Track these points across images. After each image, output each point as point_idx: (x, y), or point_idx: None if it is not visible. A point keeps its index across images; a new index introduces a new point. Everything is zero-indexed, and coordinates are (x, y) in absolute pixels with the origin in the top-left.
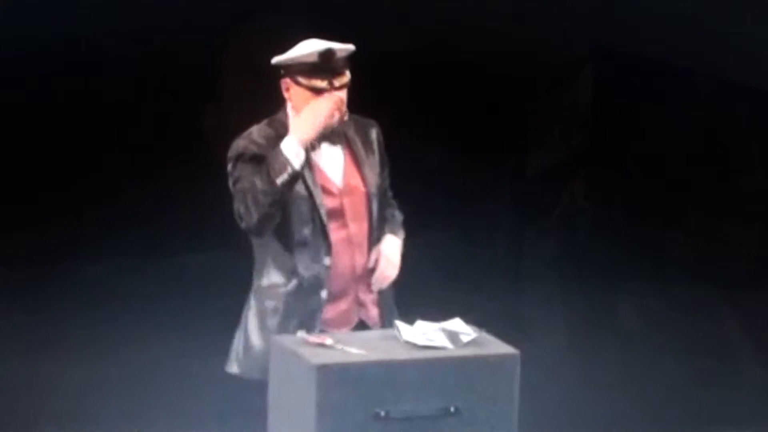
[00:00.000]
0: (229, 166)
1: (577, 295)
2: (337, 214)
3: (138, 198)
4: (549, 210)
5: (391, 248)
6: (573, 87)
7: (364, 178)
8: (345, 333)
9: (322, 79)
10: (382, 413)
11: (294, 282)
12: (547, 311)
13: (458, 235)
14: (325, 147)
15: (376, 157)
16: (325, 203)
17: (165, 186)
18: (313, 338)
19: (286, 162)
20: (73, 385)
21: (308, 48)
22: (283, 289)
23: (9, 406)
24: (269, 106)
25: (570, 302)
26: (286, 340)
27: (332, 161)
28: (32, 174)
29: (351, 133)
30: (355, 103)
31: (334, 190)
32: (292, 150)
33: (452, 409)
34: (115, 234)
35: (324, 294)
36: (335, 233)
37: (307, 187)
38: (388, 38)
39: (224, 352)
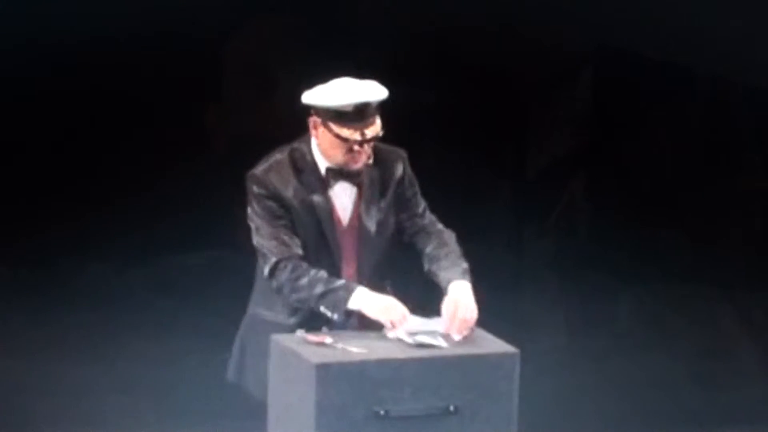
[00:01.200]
0: (249, 198)
1: (576, 295)
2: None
3: (138, 198)
4: (549, 210)
5: (463, 292)
6: (573, 87)
7: (360, 219)
8: (345, 332)
9: (355, 129)
10: (382, 412)
11: (297, 318)
12: (546, 310)
13: (458, 235)
14: (341, 186)
15: (391, 191)
16: (336, 241)
17: (165, 186)
18: (313, 337)
19: (338, 311)
20: (73, 384)
21: (342, 95)
22: (286, 323)
23: (8, 406)
24: (269, 106)
25: (570, 301)
26: (286, 339)
27: (345, 199)
28: (32, 174)
29: (368, 169)
30: None
31: (341, 229)
32: (352, 307)
33: (452, 408)
34: (115, 234)
35: (326, 330)
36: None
37: (322, 225)
38: (387, 38)
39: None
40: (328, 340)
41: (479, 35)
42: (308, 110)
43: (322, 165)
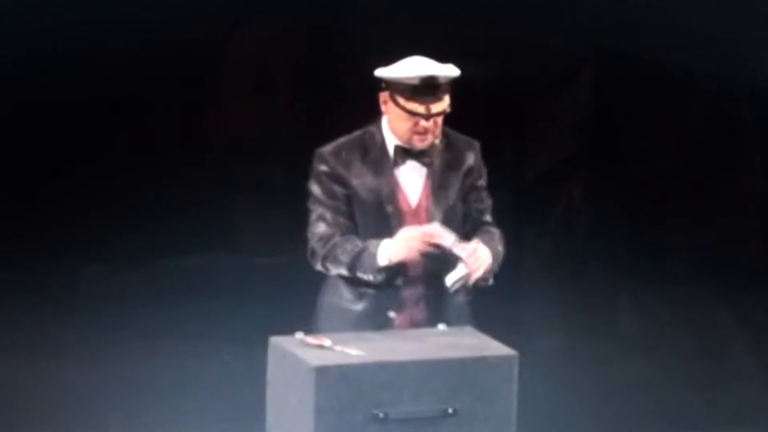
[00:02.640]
0: (311, 176)
1: (576, 296)
2: None
3: (138, 198)
4: (548, 210)
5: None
6: (573, 87)
7: (431, 201)
8: (344, 334)
9: (420, 103)
10: (381, 414)
11: (364, 303)
12: (546, 312)
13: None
14: (411, 164)
15: (459, 179)
16: (400, 222)
17: (163, 188)
18: (312, 339)
19: (372, 271)
20: (71, 385)
21: (412, 68)
22: (352, 307)
23: (7, 406)
24: (269, 106)
25: (569, 303)
26: (284, 341)
27: (413, 180)
28: (32, 174)
29: (439, 152)
30: (356, 103)
31: (408, 210)
32: (382, 262)
33: (451, 410)
34: (112, 235)
35: (392, 315)
36: None
37: (385, 206)
38: (387, 38)
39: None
40: (327, 342)
41: (479, 35)
42: (380, 86)
43: (391, 143)
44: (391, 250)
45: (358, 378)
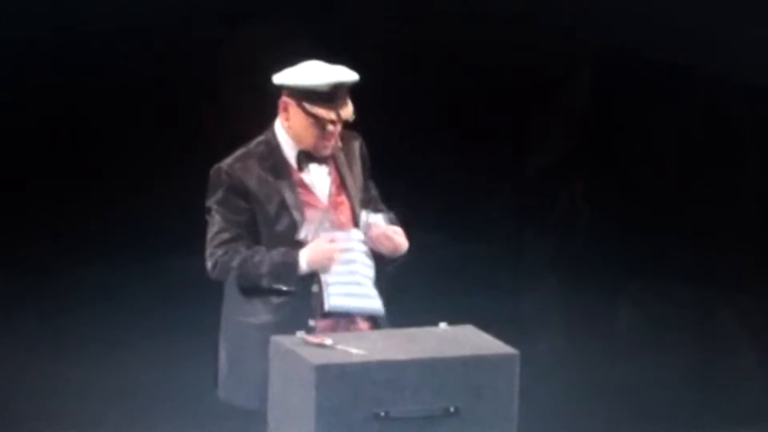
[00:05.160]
0: (209, 191)
1: (576, 295)
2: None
3: (137, 200)
4: (548, 210)
5: (377, 218)
6: (573, 87)
7: (348, 193)
8: (345, 333)
9: (329, 109)
10: (382, 413)
11: (278, 314)
12: (546, 311)
13: (457, 235)
14: (313, 167)
15: (359, 170)
16: (311, 220)
17: (165, 187)
18: (313, 338)
19: (293, 280)
20: (72, 385)
21: (318, 75)
22: (260, 320)
23: (8, 406)
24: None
25: (569, 302)
26: (285, 340)
27: (319, 178)
28: (32, 174)
29: (335, 150)
30: (355, 103)
31: (321, 207)
32: (303, 271)
33: (452, 409)
34: (113, 236)
35: (312, 323)
36: None
37: (292, 211)
38: (386, 38)
39: None
40: (329, 341)
41: (479, 35)
42: (278, 93)
43: (290, 149)
44: (312, 259)
45: (359, 377)
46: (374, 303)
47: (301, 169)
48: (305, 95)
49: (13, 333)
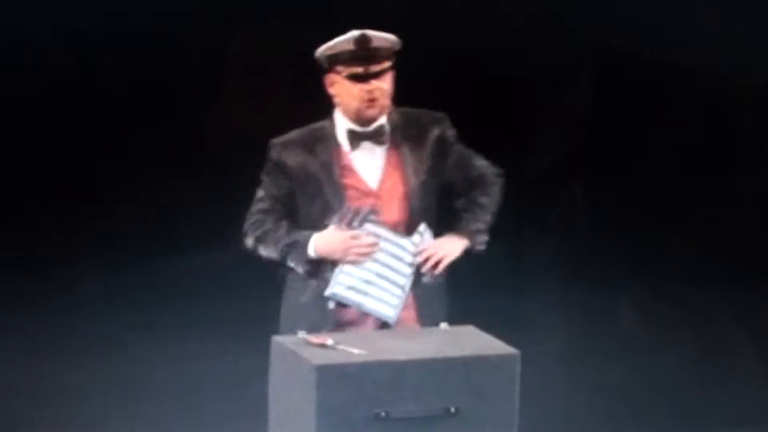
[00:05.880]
0: (267, 161)
1: (576, 295)
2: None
3: (138, 198)
4: (548, 210)
5: (449, 242)
6: (573, 87)
7: (404, 178)
8: (346, 333)
9: (359, 65)
10: (383, 414)
11: (307, 294)
12: (546, 311)
13: None
14: (366, 146)
15: (427, 153)
16: (355, 204)
17: (165, 187)
18: (314, 338)
19: (301, 263)
20: (72, 385)
21: (346, 36)
22: (299, 299)
23: (8, 407)
24: (269, 106)
25: (569, 302)
26: (286, 340)
27: (370, 162)
28: (31, 174)
29: (399, 130)
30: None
31: (367, 191)
32: (311, 256)
33: (452, 410)
34: (111, 236)
35: (331, 306)
36: None
37: (340, 191)
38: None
39: (223, 353)
40: (329, 341)
41: (478, 35)
42: (323, 72)
43: (343, 131)
44: (320, 247)
45: (360, 377)
46: (382, 308)
47: (351, 148)
48: (336, 60)
49: (13, 333)
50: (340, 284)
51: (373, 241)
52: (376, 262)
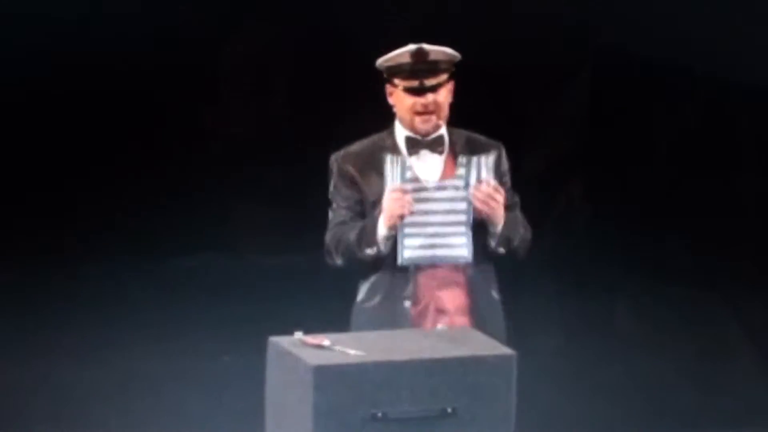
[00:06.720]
0: (330, 177)
1: (575, 296)
2: None
3: (137, 199)
4: (547, 210)
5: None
6: (572, 87)
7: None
8: (343, 334)
9: (415, 78)
10: (380, 414)
11: (378, 296)
12: (544, 312)
13: None
14: (425, 153)
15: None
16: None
17: (164, 187)
18: (311, 339)
19: (375, 242)
20: (71, 385)
21: (403, 48)
22: (368, 304)
23: (8, 407)
24: (269, 106)
25: (568, 303)
26: (283, 341)
27: (428, 168)
28: (31, 174)
29: (460, 146)
30: (356, 103)
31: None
32: (382, 233)
33: (449, 410)
34: (114, 234)
35: (407, 304)
36: None
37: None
38: (386, 38)
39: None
40: (326, 342)
41: (478, 35)
42: (384, 81)
43: (402, 139)
44: (383, 215)
45: (357, 377)
46: (455, 251)
47: (410, 154)
48: (394, 72)
49: (12, 333)
50: (409, 248)
51: (418, 195)
52: (429, 213)
